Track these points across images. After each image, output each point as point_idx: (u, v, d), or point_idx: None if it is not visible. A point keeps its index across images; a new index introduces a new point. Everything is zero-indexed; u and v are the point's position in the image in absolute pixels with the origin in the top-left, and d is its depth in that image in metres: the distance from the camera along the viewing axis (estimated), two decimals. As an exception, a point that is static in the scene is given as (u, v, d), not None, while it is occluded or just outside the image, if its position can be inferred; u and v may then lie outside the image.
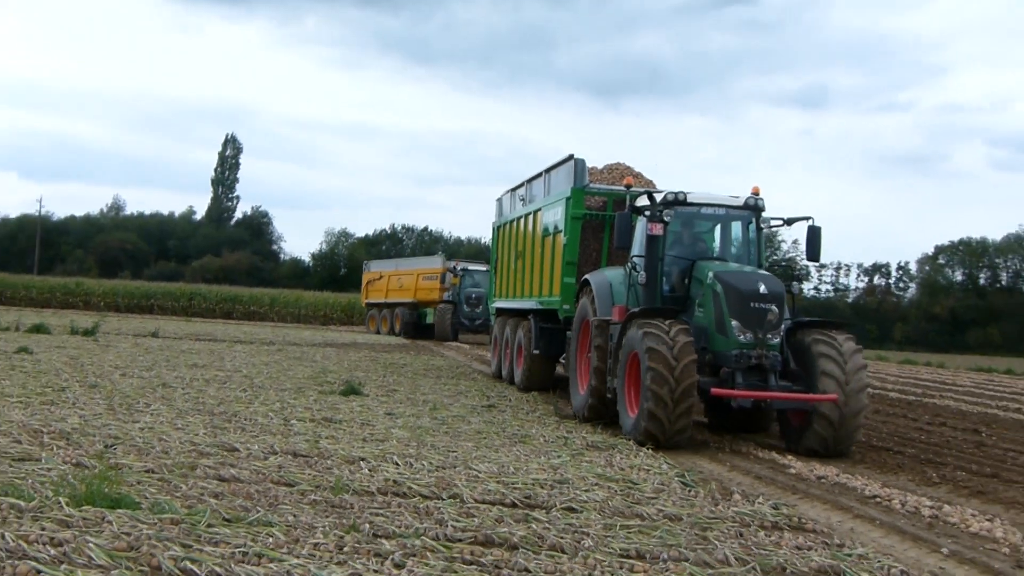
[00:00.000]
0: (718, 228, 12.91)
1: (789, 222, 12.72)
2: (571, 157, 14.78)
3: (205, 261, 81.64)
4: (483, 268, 37.74)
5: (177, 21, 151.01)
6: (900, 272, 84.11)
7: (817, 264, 13.45)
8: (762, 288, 10.85)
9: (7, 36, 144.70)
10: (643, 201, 12.53)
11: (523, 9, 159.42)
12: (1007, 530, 7.50)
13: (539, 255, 16.40)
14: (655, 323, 10.67)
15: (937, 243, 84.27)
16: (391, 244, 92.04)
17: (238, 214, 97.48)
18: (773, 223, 12.90)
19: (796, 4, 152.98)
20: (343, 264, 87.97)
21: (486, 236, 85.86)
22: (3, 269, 70.32)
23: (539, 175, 17.09)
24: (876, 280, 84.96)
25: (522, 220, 17.97)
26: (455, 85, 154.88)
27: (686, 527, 6.79)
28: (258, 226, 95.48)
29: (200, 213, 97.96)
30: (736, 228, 12.73)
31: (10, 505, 5.88)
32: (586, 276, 13.52)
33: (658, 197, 12.49)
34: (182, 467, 7.65)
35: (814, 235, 12.28)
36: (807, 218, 12.39)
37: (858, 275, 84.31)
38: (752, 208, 12.32)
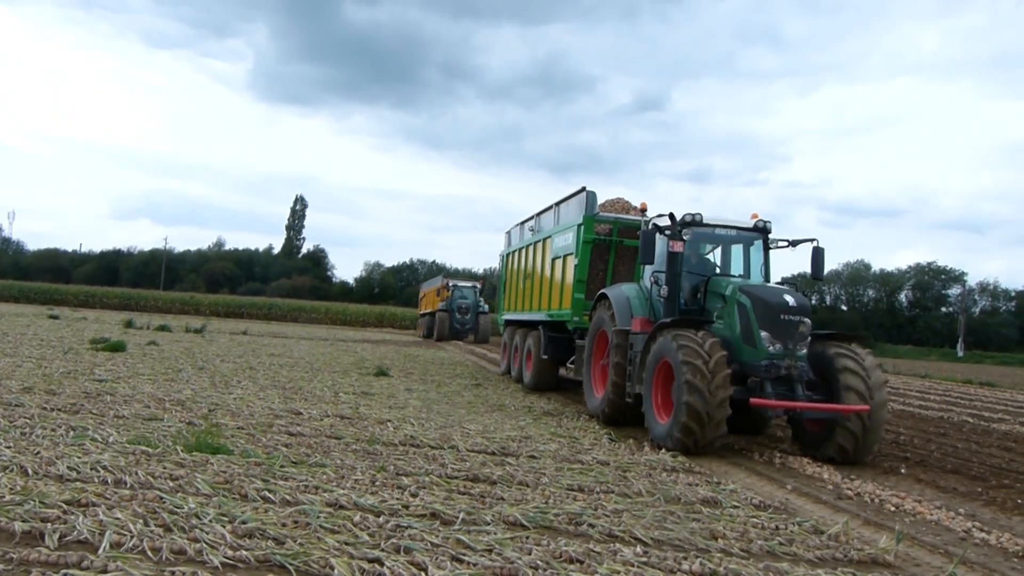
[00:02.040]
0: (730, 247, 9.99)
1: (794, 244, 9.80)
2: (583, 189, 11.88)
3: (280, 282, 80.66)
4: (468, 284, 36.92)
5: (265, 116, 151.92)
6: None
7: (821, 280, 10.38)
8: (791, 301, 8.18)
9: (148, 125, 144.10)
10: (664, 221, 9.65)
11: (505, 113, 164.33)
12: (831, 473, 7.55)
13: (549, 275, 13.46)
14: (687, 334, 8.11)
15: (784, 275, 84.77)
16: (410, 272, 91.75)
17: (304, 250, 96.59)
18: (780, 244, 9.92)
19: (690, 111, 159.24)
20: (376, 285, 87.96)
21: (476, 266, 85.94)
22: (139, 286, 69.79)
23: (549, 208, 13.98)
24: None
25: (532, 247, 14.81)
26: (457, 164, 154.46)
27: (612, 469, 6.77)
28: (318, 258, 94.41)
29: (277, 249, 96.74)
30: (747, 248, 9.86)
31: (142, 451, 5.80)
32: (603, 291, 10.57)
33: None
34: (262, 425, 7.56)
35: (818, 255, 9.39)
36: (812, 240, 9.52)
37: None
38: (761, 230, 9.64)
